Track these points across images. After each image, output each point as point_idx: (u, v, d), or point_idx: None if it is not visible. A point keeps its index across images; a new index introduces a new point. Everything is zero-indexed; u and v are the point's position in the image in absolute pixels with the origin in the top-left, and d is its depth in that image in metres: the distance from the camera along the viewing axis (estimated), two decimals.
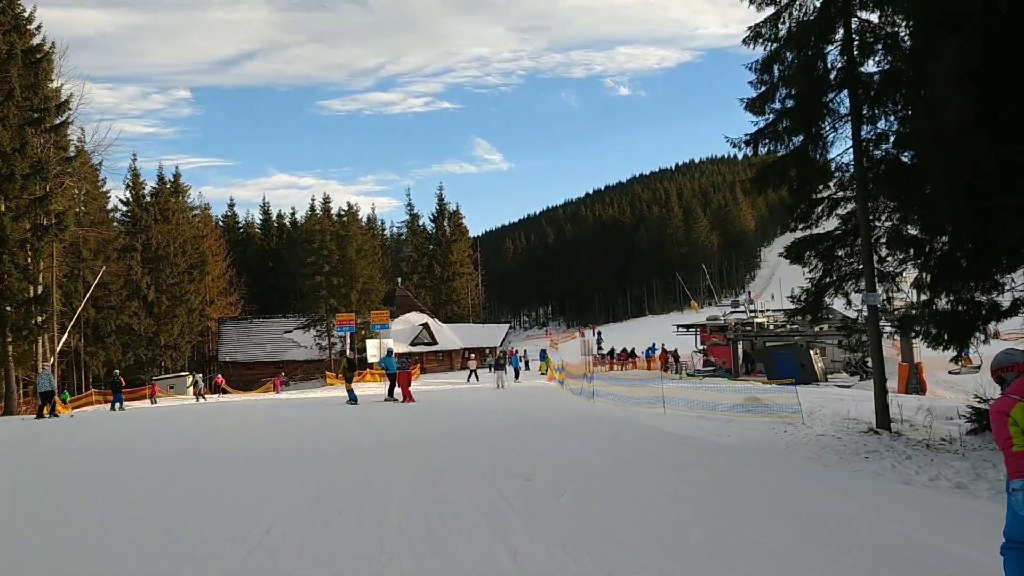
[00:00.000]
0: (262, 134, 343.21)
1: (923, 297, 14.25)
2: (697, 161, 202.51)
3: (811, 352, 34.05)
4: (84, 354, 50.77)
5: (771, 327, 36.67)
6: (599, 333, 70.18)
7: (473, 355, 47.38)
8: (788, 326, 37.15)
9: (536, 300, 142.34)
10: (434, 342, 63.92)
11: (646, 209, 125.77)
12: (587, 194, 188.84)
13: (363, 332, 52.85)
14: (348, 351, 39.16)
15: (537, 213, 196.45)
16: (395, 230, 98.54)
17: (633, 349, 45.50)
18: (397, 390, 21.37)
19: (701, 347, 41.75)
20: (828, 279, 15.33)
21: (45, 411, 21.66)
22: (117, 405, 26.66)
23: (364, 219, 79.96)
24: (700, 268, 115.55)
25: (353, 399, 21.37)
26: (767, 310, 37.95)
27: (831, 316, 37.74)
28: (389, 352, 22.87)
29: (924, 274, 13.84)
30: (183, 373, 50.87)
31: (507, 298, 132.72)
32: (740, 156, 16.28)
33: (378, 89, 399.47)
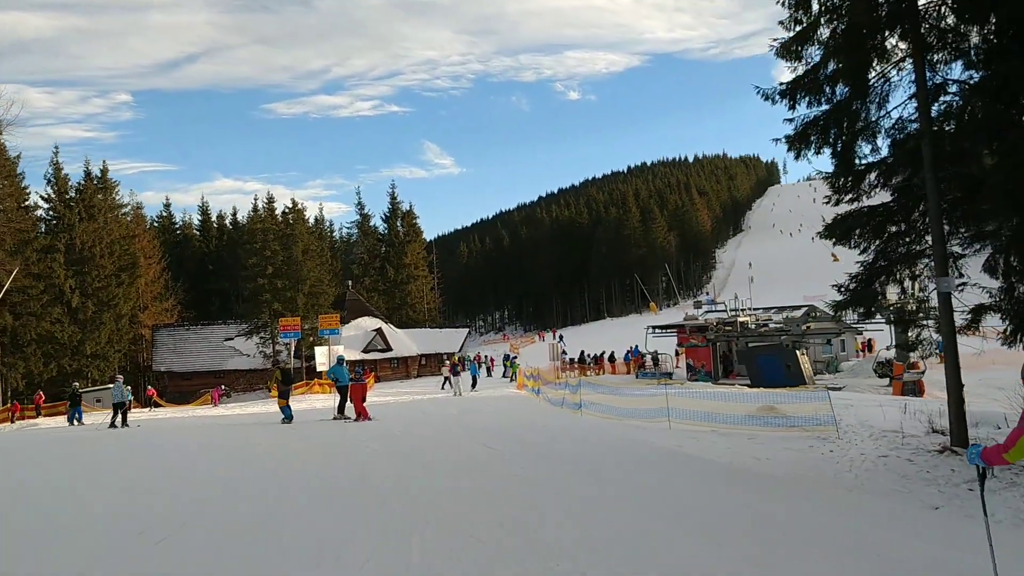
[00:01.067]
0: (206, 138, 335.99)
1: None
2: (649, 164, 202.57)
3: (798, 353, 31.61)
4: (1, 365, 46.05)
5: (753, 326, 34.11)
6: (561, 337, 67.32)
7: (448, 360, 43.96)
8: (771, 324, 34.66)
9: (492, 304, 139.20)
10: (389, 348, 60.27)
11: (603, 210, 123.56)
12: (541, 198, 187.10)
13: (311, 339, 49.04)
14: (282, 360, 35.08)
15: (491, 217, 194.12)
16: (345, 231, 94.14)
17: (612, 353, 42.47)
18: (349, 405, 18.00)
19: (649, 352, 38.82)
20: (881, 262, 12.50)
21: (117, 421, 22.50)
22: (76, 420, 26.81)
23: (311, 220, 76.00)
24: (658, 270, 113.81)
25: (288, 417, 18.04)
26: (747, 308, 35.44)
27: (816, 314, 35.47)
28: (340, 360, 19.37)
29: (997, 256, 11.20)
30: (111, 385, 46.36)
31: (463, 302, 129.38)
32: (775, 108, 13.20)
33: (324, 92, 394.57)
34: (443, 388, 34.53)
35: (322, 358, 42.61)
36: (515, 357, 47.01)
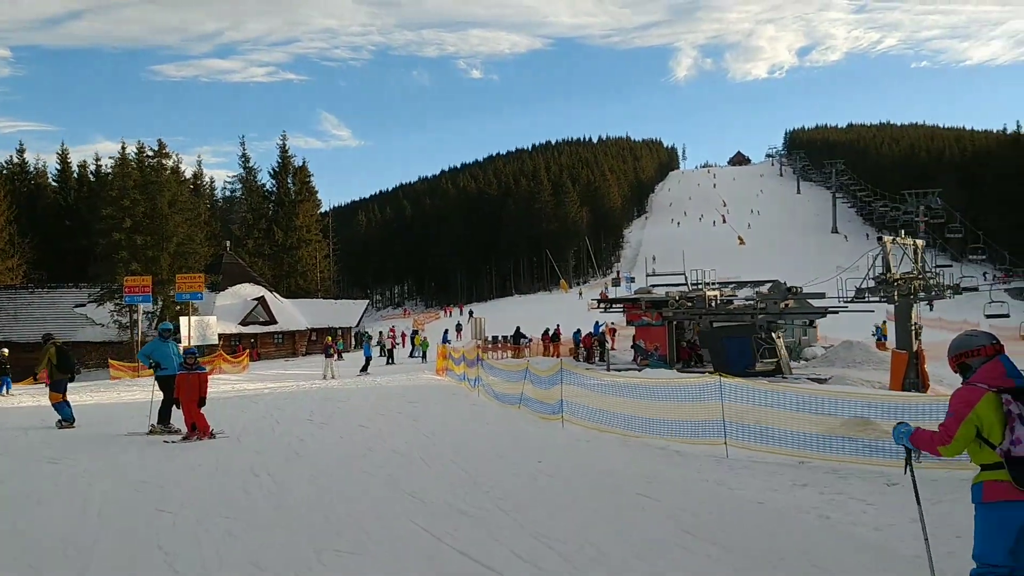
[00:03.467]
0: (89, 98, 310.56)
1: None
2: (554, 142, 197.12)
3: (774, 335, 26.38)
4: None
5: (717, 303, 28.62)
6: (471, 312, 60.87)
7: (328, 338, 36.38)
8: (736, 301, 29.32)
9: (392, 278, 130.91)
10: (273, 321, 52.13)
11: (512, 182, 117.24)
12: (444, 171, 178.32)
13: (178, 306, 40.76)
14: (55, 334, 26.33)
15: (390, 189, 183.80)
16: (227, 191, 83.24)
17: (556, 329, 35.67)
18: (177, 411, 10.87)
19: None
20: None
21: None
22: (5, 389, 22.54)
23: (188, 173, 66.40)
24: (570, 246, 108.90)
25: (67, 418, 11.10)
26: (709, 283, 29.97)
27: (797, 290, 30.35)
28: (164, 333, 11.68)
29: None
30: None
31: (360, 276, 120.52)
32: None
33: (216, 56, 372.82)
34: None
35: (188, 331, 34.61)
36: (456, 328, 38.54)
